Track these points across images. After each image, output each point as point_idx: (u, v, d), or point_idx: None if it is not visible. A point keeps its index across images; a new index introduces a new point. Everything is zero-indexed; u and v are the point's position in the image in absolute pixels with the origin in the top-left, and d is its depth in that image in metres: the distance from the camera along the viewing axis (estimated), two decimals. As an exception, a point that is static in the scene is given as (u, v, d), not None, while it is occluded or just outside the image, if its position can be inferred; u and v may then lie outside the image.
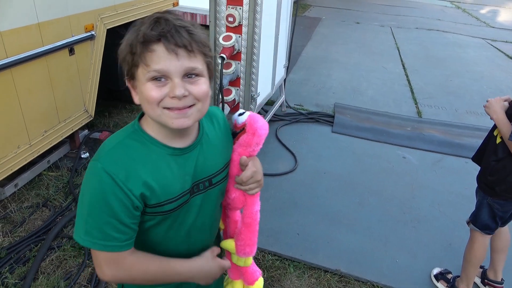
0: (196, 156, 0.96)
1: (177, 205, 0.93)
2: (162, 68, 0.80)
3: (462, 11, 12.20)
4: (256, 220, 1.14)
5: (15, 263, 2.21)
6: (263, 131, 1.03)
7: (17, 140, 2.48)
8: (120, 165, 0.85)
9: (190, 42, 0.81)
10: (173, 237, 0.99)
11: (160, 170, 0.89)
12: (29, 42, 2.43)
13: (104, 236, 0.85)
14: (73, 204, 2.70)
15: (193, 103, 0.85)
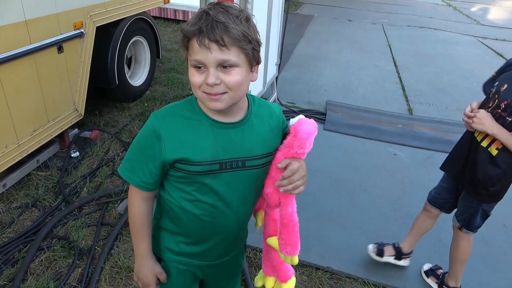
0: (235, 135, 1.07)
1: (204, 170, 1.04)
2: (199, 58, 0.94)
3: (453, 9, 12.30)
4: (293, 220, 1.18)
5: (4, 264, 2.18)
6: (304, 134, 1.06)
7: (5, 139, 2.45)
8: (165, 121, 1.05)
9: (222, 37, 0.91)
10: (201, 203, 1.10)
11: (198, 135, 1.04)
12: (16, 40, 2.39)
13: (132, 170, 1.09)
14: (62, 204, 2.68)
15: (224, 91, 0.97)
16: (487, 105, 1.74)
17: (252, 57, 0.98)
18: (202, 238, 1.18)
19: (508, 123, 1.64)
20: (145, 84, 4.41)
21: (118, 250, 2.32)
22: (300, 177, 1.07)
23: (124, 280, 2.13)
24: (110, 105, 4.05)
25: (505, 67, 1.79)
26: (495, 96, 1.68)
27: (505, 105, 1.63)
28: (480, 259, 2.45)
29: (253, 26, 0.98)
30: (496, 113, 1.67)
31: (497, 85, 1.71)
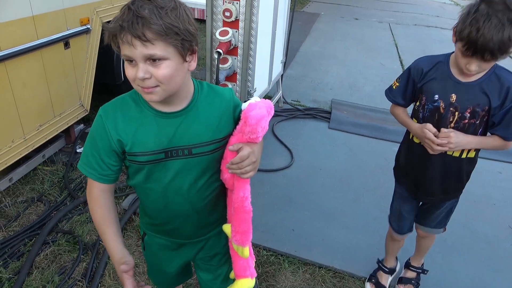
0: (179, 123, 1.08)
1: (149, 159, 1.08)
2: (127, 54, 0.94)
3: (461, 8, 12.18)
4: (244, 206, 1.14)
5: (9, 257, 2.20)
6: (253, 120, 1.05)
7: (12, 134, 2.47)
8: (112, 114, 1.07)
9: (144, 33, 0.90)
10: (151, 190, 1.15)
11: (141, 125, 1.07)
12: (23, 35, 2.40)
13: (88, 163, 1.11)
14: (68, 198, 2.70)
15: (156, 84, 0.97)
16: (444, 122, 1.56)
17: (183, 48, 0.97)
18: (163, 220, 1.25)
19: (478, 125, 1.55)
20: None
21: (122, 246, 2.34)
22: (250, 163, 1.07)
23: (127, 275, 2.15)
24: (115, 101, 4.06)
25: (421, 76, 1.60)
26: (450, 109, 1.52)
27: (470, 113, 1.52)
28: (484, 260, 2.44)
29: (182, 16, 0.95)
30: (463, 124, 1.54)
31: (439, 98, 1.54)
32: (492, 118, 1.52)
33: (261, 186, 2.96)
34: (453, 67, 1.53)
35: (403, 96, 1.71)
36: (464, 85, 1.51)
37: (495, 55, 1.31)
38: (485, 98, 1.48)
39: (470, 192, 3.07)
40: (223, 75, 2.92)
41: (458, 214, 2.81)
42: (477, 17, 1.28)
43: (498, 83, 1.48)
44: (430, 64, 1.59)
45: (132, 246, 2.34)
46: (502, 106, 1.48)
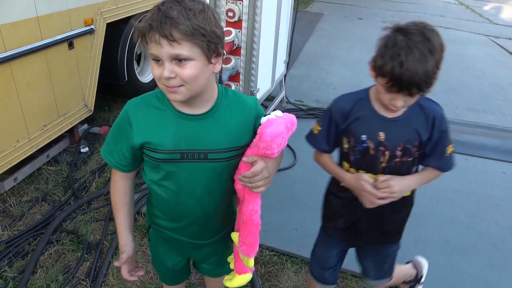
0: (198, 127, 1.10)
1: (166, 158, 1.11)
2: (154, 53, 0.97)
3: (465, 7, 12.13)
4: (252, 220, 1.14)
5: (14, 256, 2.22)
6: (268, 137, 1.04)
7: (16, 134, 2.48)
8: (136, 109, 1.12)
9: (171, 32, 0.92)
10: (165, 188, 1.18)
11: (161, 124, 1.10)
12: (28, 35, 2.42)
13: (109, 151, 1.19)
14: (72, 198, 2.71)
15: (180, 84, 0.99)
16: (375, 164, 1.40)
17: (208, 50, 0.98)
18: (172, 217, 1.27)
19: (410, 162, 1.41)
20: (154, 80, 4.43)
21: (126, 245, 2.35)
22: (262, 178, 1.07)
23: (131, 275, 2.16)
24: (119, 101, 4.08)
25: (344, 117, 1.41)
26: (379, 148, 1.37)
27: (401, 151, 1.37)
28: (488, 261, 2.43)
29: (209, 18, 0.97)
30: (394, 163, 1.39)
31: (367, 138, 1.38)
32: (423, 149, 1.39)
33: (264, 186, 2.96)
34: (375, 102, 1.38)
35: (327, 141, 1.49)
36: (391, 122, 1.36)
37: (422, 89, 1.20)
38: (415, 133, 1.36)
39: (474, 192, 3.07)
40: (226, 75, 2.92)
41: (461, 215, 2.82)
42: (397, 51, 1.16)
43: (423, 115, 1.36)
44: (351, 102, 1.41)
45: (136, 246, 2.34)
46: (431, 137, 1.37)
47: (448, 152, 1.41)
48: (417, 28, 1.18)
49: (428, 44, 1.16)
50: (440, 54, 1.20)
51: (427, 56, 1.16)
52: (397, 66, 1.16)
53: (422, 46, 1.15)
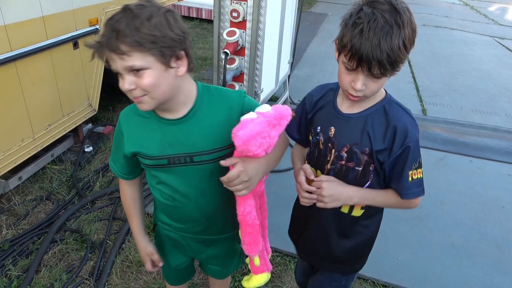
0: (179, 131, 1.10)
1: (153, 164, 1.14)
2: (112, 67, 0.97)
3: (470, 8, 12.07)
4: (246, 220, 1.12)
5: (18, 255, 2.23)
6: (239, 141, 0.99)
7: (21, 133, 2.49)
8: (126, 119, 1.15)
9: (118, 46, 0.91)
10: (161, 192, 1.22)
11: (148, 131, 1.12)
12: (33, 35, 2.43)
13: (113, 161, 1.25)
14: (76, 197, 2.72)
15: (142, 93, 0.99)
16: (323, 161, 1.24)
17: (163, 56, 0.96)
18: (175, 219, 1.29)
19: (360, 174, 1.19)
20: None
21: (129, 245, 2.35)
22: (240, 182, 1.03)
23: (134, 275, 2.16)
24: (123, 101, 4.09)
25: (312, 105, 1.30)
26: (328, 145, 1.22)
27: (347, 152, 1.18)
28: (493, 263, 2.41)
29: (159, 23, 0.94)
30: (340, 167, 1.21)
31: (320, 131, 1.24)
32: (384, 166, 1.16)
33: (268, 186, 2.93)
34: (340, 95, 1.24)
35: (298, 128, 1.36)
36: (343, 117, 1.20)
37: (384, 67, 1.01)
38: (366, 137, 1.15)
39: (478, 195, 3.06)
40: (230, 75, 2.92)
41: (466, 217, 2.80)
42: (360, 17, 1.02)
43: (384, 121, 1.14)
44: (321, 92, 1.30)
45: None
46: (391, 152, 1.14)
47: (411, 177, 1.14)
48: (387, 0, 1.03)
49: (396, 16, 1.01)
50: (410, 32, 1.03)
51: (393, 27, 1.00)
52: (358, 35, 1.00)
53: (389, 16, 1.00)
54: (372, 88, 1.09)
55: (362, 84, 1.06)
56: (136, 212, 1.33)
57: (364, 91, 1.08)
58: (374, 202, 1.22)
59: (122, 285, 2.10)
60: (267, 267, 1.28)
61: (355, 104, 1.18)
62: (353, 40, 1.01)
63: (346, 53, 1.05)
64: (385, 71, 1.03)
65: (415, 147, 1.13)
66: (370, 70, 1.02)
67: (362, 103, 1.17)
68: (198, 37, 6.74)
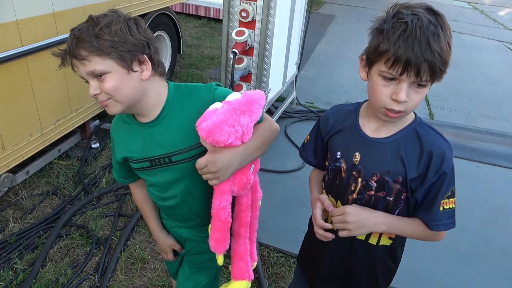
0: (155, 133, 1.12)
1: (139, 167, 1.19)
2: (79, 74, 1.02)
3: (479, 12, 11.98)
4: (219, 215, 1.07)
5: (24, 249, 2.25)
6: (203, 133, 0.97)
7: (30, 128, 2.51)
8: (115, 127, 1.22)
9: (79, 52, 0.96)
10: (151, 193, 1.27)
11: (131, 137, 1.16)
12: (44, 31, 2.45)
13: (114, 168, 1.31)
14: (82, 193, 2.74)
15: (107, 97, 1.02)
16: (346, 191, 1.13)
17: (123, 60, 0.99)
18: (170, 216, 1.34)
19: (391, 204, 1.09)
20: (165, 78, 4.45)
21: (134, 242, 2.36)
22: (208, 172, 1.02)
23: (139, 271, 2.17)
24: (130, 98, 4.12)
25: (328, 128, 1.19)
26: (352, 173, 1.10)
27: (377, 182, 1.07)
28: (499, 271, 2.40)
29: (119, 29, 0.98)
30: (369, 197, 1.09)
31: (341, 157, 1.13)
32: (415, 194, 1.06)
33: (273, 187, 2.96)
34: (363, 117, 1.13)
35: (314, 153, 1.27)
36: (371, 142, 1.08)
37: (435, 69, 0.91)
38: (399, 165, 1.04)
39: (484, 201, 3.03)
40: (238, 75, 2.93)
41: (472, 222, 2.78)
42: (401, 18, 0.91)
43: (418, 146, 1.03)
44: (339, 113, 1.19)
45: (144, 242, 2.36)
46: (424, 179, 1.03)
47: (443, 207, 1.05)
48: (420, 4, 0.96)
49: (437, 16, 0.93)
50: (450, 36, 0.94)
51: (438, 27, 0.90)
52: (402, 35, 0.89)
53: (430, 17, 0.92)
54: (415, 101, 0.96)
55: (405, 95, 0.94)
56: (150, 210, 1.37)
57: (406, 104, 0.96)
58: (402, 231, 1.11)
59: (127, 282, 2.11)
60: (248, 275, 1.22)
61: (383, 128, 1.07)
62: (397, 42, 0.90)
63: (387, 60, 0.93)
64: (434, 75, 0.92)
65: (451, 174, 1.04)
66: (419, 74, 0.91)
67: (391, 126, 1.06)
68: (205, 36, 6.75)
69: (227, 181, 1.06)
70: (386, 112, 0.99)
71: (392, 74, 0.94)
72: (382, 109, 0.99)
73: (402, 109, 0.97)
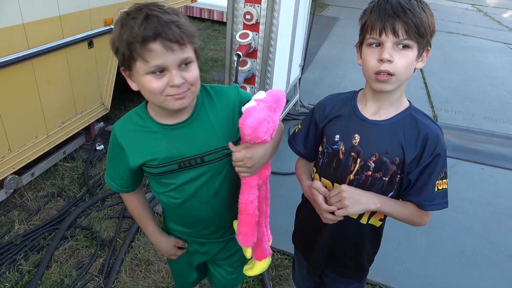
0: (186, 134, 1.08)
1: (163, 171, 1.10)
2: (160, 63, 0.92)
3: (483, 14, 11.95)
4: (247, 209, 1.13)
5: (30, 250, 2.26)
6: (249, 130, 1.02)
7: (35, 130, 2.53)
8: (124, 132, 1.10)
9: (181, 36, 0.91)
10: (172, 198, 1.18)
11: (151, 141, 1.08)
12: (50, 34, 2.47)
13: (110, 177, 1.20)
14: (87, 195, 2.75)
15: (188, 88, 0.97)
16: (344, 172, 1.17)
17: (197, 52, 1.00)
18: (185, 223, 1.29)
19: (386, 185, 1.14)
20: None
21: (139, 243, 2.37)
22: (243, 166, 1.06)
23: (143, 273, 2.18)
24: (135, 100, 4.13)
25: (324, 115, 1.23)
26: (351, 154, 1.15)
27: (375, 162, 1.12)
28: (502, 273, 2.38)
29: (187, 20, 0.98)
30: (366, 178, 1.14)
31: (340, 139, 1.17)
32: (409, 176, 1.12)
33: (278, 189, 2.96)
34: (360, 102, 1.19)
35: (304, 142, 1.31)
36: (370, 124, 1.13)
37: (409, 26, 0.99)
38: (398, 146, 1.10)
39: (489, 203, 3.02)
40: (242, 77, 2.94)
41: (476, 225, 2.77)
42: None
43: (414, 129, 1.10)
44: (336, 101, 1.24)
45: (148, 244, 2.37)
46: (419, 160, 1.09)
47: (437, 187, 1.11)
48: None
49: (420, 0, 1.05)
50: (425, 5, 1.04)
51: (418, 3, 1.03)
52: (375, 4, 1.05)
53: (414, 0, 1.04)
54: (400, 62, 1.02)
55: (388, 53, 1.01)
56: (149, 216, 1.32)
57: (393, 66, 1.02)
58: (393, 209, 1.14)
59: (131, 283, 2.11)
60: (268, 252, 1.31)
61: (382, 110, 1.13)
62: (372, 10, 1.04)
63: (368, 29, 1.05)
64: (411, 33, 1.00)
65: (444, 156, 1.10)
66: (395, 32, 1.00)
67: (389, 108, 1.13)
68: (209, 39, 6.78)
69: (254, 176, 1.11)
70: (376, 77, 1.05)
71: (374, 38, 1.04)
72: (373, 75, 1.06)
73: (389, 69, 1.03)
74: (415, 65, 1.07)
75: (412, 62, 1.04)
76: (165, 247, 1.34)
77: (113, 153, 1.15)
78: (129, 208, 1.31)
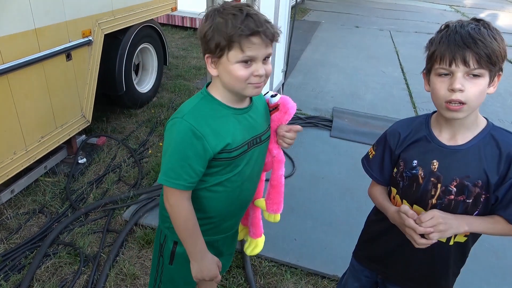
0: (250, 117, 1.23)
1: (239, 153, 1.20)
2: (253, 54, 1.08)
3: (461, 15, 12.24)
4: (281, 182, 1.39)
5: (10, 270, 2.19)
6: (293, 110, 1.32)
7: (13, 145, 2.47)
8: (201, 124, 1.13)
9: (274, 34, 1.09)
10: (232, 182, 1.24)
11: (227, 124, 1.17)
12: (25, 48, 2.42)
13: (177, 176, 1.14)
14: (69, 210, 2.69)
15: (264, 79, 1.14)
16: (425, 196, 1.19)
17: None
18: (225, 216, 1.33)
19: (470, 206, 1.15)
20: (152, 90, 4.44)
21: (124, 257, 2.32)
22: (291, 138, 1.32)
23: (129, 288, 2.13)
24: (117, 112, 4.09)
25: (400, 142, 1.26)
26: (430, 179, 1.17)
27: (457, 187, 1.14)
28: (490, 270, 2.41)
29: None
30: (449, 201, 1.16)
31: (418, 164, 1.20)
32: (496, 192, 1.13)
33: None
34: (434, 127, 1.21)
35: (381, 169, 1.33)
36: (449, 150, 1.15)
37: (480, 54, 1.00)
38: (478, 169, 1.11)
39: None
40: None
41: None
42: (447, 26, 1.10)
43: (496, 149, 1.10)
44: (409, 126, 1.26)
45: (133, 258, 2.32)
46: (505, 178, 1.10)
47: None
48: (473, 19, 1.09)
49: (480, 21, 1.06)
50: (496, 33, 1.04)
51: (480, 25, 1.04)
52: (444, 34, 1.06)
53: (473, 21, 1.07)
54: (472, 90, 1.03)
55: (459, 83, 1.02)
56: (199, 228, 1.23)
57: (464, 95, 1.03)
58: (482, 228, 1.16)
59: (116, 299, 2.06)
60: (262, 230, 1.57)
61: (458, 135, 1.15)
62: (441, 41, 1.06)
63: (437, 59, 1.07)
64: (482, 62, 1.01)
65: None
66: (466, 62, 1.01)
67: (466, 132, 1.14)
68: (192, 47, 6.76)
69: (281, 150, 1.38)
70: (447, 106, 1.07)
71: (444, 68, 1.05)
72: (444, 104, 1.07)
73: (460, 98, 1.04)
74: (487, 91, 1.08)
75: (484, 90, 1.06)
76: (209, 264, 1.25)
77: (185, 149, 1.12)
78: (183, 219, 1.19)
